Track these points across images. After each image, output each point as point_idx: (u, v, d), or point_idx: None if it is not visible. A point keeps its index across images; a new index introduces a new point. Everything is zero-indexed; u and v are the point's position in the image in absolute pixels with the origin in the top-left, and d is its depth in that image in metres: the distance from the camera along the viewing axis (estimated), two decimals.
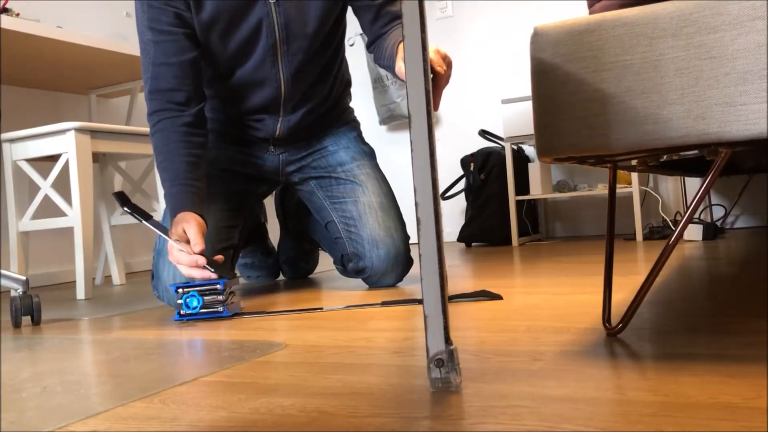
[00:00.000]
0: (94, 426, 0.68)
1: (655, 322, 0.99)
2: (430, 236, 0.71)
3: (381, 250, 1.69)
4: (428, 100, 0.72)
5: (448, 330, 0.70)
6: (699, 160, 1.56)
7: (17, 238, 2.20)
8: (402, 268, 1.73)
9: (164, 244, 1.60)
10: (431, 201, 0.71)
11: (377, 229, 1.70)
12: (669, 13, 0.79)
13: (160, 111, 1.55)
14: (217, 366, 0.92)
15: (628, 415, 0.59)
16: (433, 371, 0.71)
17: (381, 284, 1.73)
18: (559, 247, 2.60)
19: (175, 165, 1.52)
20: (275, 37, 1.61)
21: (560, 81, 0.85)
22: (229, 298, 1.41)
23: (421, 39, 0.73)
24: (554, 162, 0.90)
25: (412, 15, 0.73)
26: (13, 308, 1.48)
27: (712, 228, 2.46)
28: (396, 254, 1.70)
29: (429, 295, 0.71)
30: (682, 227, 0.85)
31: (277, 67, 1.64)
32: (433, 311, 0.71)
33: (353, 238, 1.73)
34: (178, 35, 1.55)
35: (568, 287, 1.44)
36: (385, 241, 1.69)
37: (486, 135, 3.19)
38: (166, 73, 1.55)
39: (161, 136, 1.54)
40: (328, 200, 1.78)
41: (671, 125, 0.79)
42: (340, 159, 1.79)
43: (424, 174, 0.72)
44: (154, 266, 1.62)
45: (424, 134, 0.72)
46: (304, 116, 1.74)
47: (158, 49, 1.54)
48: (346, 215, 1.75)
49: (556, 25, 0.86)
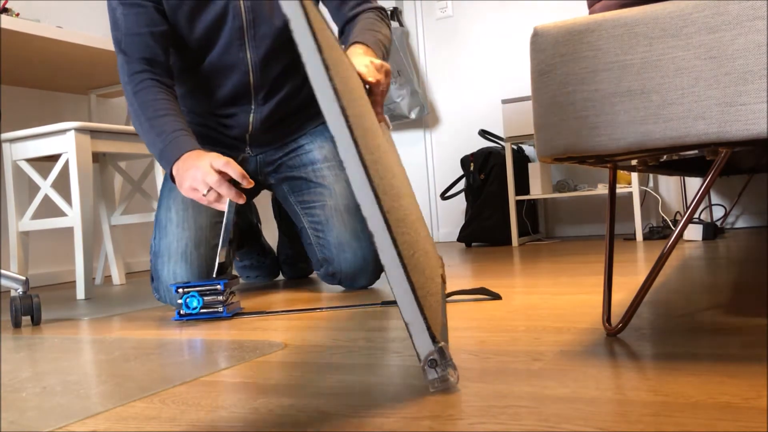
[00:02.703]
0: (94, 426, 0.68)
1: (655, 322, 0.99)
2: (386, 247, 0.71)
3: (348, 254, 1.66)
4: (345, 117, 0.72)
5: (431, 329, 0.71)
6: (699, 160, 1.56)
7: (17, 238, 2.20)
8: (373, 269, 1.69)
9: (161, 245, 1.60)
10: (378, 213, 0.71)
11: (343, 232, 1.67)
12: (669, 13, 0.79)
13: (141, 72, 1.55)
14: (217, 366, 0.92)
15: (628, 415, 0.59)
16: (428, 373, 0.71)
17: (355, 287, 1.71)
18: (559, 247, 2.60)
19: (170, 117, 1.51)
20: (242, 20, 1.60)
21: (560, 81, 0.85)
22: (230, 298, 1.41)
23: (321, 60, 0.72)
24: (554, 162, 0.90)
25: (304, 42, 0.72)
26: (13, 308, 1.48)
27: (712, 228, 2.46)
28: (363, 256, 1.66)
29: (403, 302, 0.71)
30: (682, 227, 0.85)
31: (245, 51, 1.63)
32: (412, 316, 0.71)
33: (322, 243, 1.71)
34: (149, 8, 1.56)
35: (568, 287, 1.44)
36: (351, 244, 1.66)
37: (486, 135, 3.19)
38: (140, 42, 1.55)
39: (149, 92, 1.53)
40: (299, 206, 1.77)
41: (671, 125, 0.79)
42: (312, 158, 1.77)
43: (363, 189, 0.72)
44: (153, 267, 1.61)
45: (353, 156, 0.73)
46: (277, 108, 1.71)
47: (128, 20, 1.55)
48: (315, 220, 1.72)
49: (556, 25, 0.86)
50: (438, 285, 1.10)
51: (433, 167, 3.59)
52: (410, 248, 0.83)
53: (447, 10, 3.51)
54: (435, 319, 0.77)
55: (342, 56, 0.98)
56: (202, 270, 1.59)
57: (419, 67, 3.59)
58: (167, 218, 1.63)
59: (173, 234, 1.60)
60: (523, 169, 3.07)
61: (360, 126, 0.82)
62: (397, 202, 0.93)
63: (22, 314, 1.49)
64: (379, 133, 1.14)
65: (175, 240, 1.59)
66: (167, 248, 1.59)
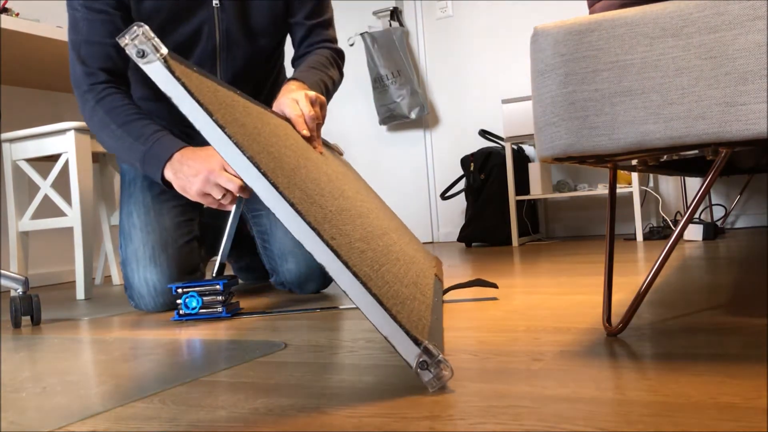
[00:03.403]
0: (93, 426, 0.68)
1: (655, 322, 0.99)
2: (341, 274, 0.72)
3: (290, 263, 1.64)
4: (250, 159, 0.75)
5: (411, 333, 0.71)
6: (699, 160, 1.56)
7: (17, 238, 2.20)
8: (320, 275, 1.66)
9: (128, 252, 1.57)
10: (323, 245, 0.72)
11: (285, 241, 1.64)
12: (669, 13, 0.79)
13: (102, 83, 1.49)
14: (217, 366, 0.92)
15: (628, 415, 0.59)
16: (423, 375, 0.71)
17: (305, 293, 1.70)
18: (559, 247, 2.60)
19: (144, 120, 1.47)
20: (215, 42, 1.59)
21: (560, 81, 0.85)
22: (229, 298, 1.41)
23: (201, 107, 0.75)
24: (554, 162, 0.90)
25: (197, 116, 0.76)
26: (13, 308, 1.48)
27: (712, 228, 2.46)
28: (307, 264, 1.63)
29: (375, 318, 0.71)
30: (682, 227, 0.85)
31: (216, 72, 1.62)
32: (388, 329, 0.71)
33: (267, 254, 1.69)
34: (115, 16, 1.49)
35: (568, 287, 1.44)
36: (293, 253, 1.63)
37: (486, 135, 3.19)
38: (101, 53, 1.49)
39: (114, 99, 1.48)
40: (249, 213, 1.75)
41: (671, 125, 0.79)
42: None
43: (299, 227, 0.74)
44: (125, 276, 1.59)
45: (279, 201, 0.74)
46: None
47: (92, 27, 1.48)
48: (261, 229, 1.70)
49: (556, 25, 0.86)
50: (427, 286, 1.10)
51: (433, 167, 3.59)
52: (375, 264, 0.83)
53: (447, 10, 3.51)
54: (416, 321, 0.77)
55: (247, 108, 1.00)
56: (173, 271, 1.56)
57: (419, 67, 3.59)
58: (130, 224, 1.59)
59: (138, 239, 1.57)
60: (523, 169, 3.07)
61: (274, 159, 0.84)
62: (352, 223, 0.93)
63: (22, 314, 1.49)
64: (319, 164, 1.15)
65: (141, 245, 1.56)
66: (134, 254, 1.56)
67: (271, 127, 1.06)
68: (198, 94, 0.77)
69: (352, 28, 3.71)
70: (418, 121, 3.57)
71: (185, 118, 0.79)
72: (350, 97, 3.74)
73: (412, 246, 1.46)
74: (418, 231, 3.61)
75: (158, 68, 0.76)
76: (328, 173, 1.16)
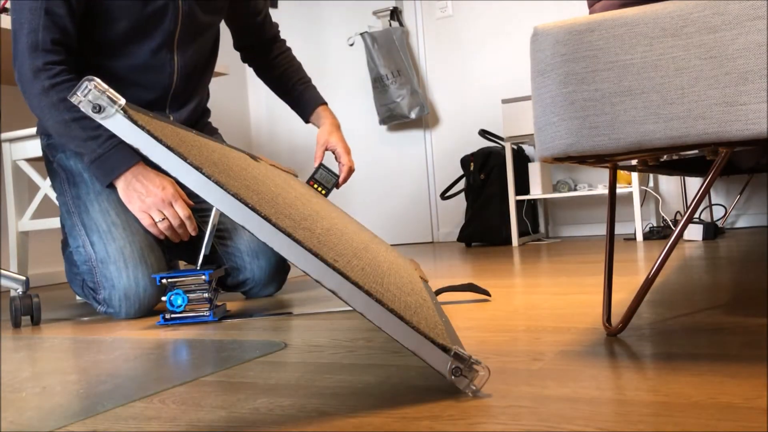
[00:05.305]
0: (93, 426, 0.68)
1: (655, 322, 0.99)
2: (354, 295, 0.71)
3: (262, 261, 1.64)
4: (236, 197, 0.76)
5: (437, 342, 0.69)
6: (699, 160, 1.56)
7: (17, 238, 2.20)
8: (283, 276, 1.69)
9: (109, 249, 1.49)
10: (329, 271, 0.72)
11: (255, 239, 1.63)
12: (669, 12, 0.79)
13: (55, 64, 1.44)
14: (217, 366, 0.92)
15: (628, 415, 0.59)
16: (460, 383, 0.69)
17: (261, 295, 1.70)
18: (559, 247, 2.60)
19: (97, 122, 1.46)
20: (177, 23, 1.59)
21: (560, 81, 0.85)
22: (215, 298, 1.38)
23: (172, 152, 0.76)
24: (554, 162, 0.90)
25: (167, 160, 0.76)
26: (13, 308, 1.48)
27: (712, 228, 2.46)
28: (277, 261, 1.66)
29: (398, 334, 0.70)
30: (682, 227, 0.85)
31: (173, 54, 1.62)
32: (414, 343, 0.69)
33: (230, 252, 1.65)
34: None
35: (568, 287, 1.44)
36: (265, 251, 1.64)
37: (486, 135, 3.19)
38: (54, 23, 1.44)
39: (69, 87, 1.43)
40: (198, 213, 1.65)
41: (671, 125, 0.79)
42: None
43: (298, 254, 0.73)
44: (102, 276, 1.49)
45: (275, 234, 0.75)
46: (189, 116, 1.71)
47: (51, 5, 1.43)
48: (220, 227, 1.66)
49: (556, 25, 0.86)
50: (422, 290, 1.10)
51: (433, 167, 3.59)
52: (377, 278, 0.83)
53: (447, 10, 3.51)
54: (434, 327, 0.77)
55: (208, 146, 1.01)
56: (164, 271, 1.52)
57: (419, 67, 3.59)
58: (109, 222, 1.51)
59: (123, 238, 1.50)
60: (523, 169, 3.07)
61: (255, 192, 0.85)
62: (341, 242, 0.93)
63: (22, 314, 1.49)
64: (287, 188, 1.19)
65: (127, 244, 1.49)
66: (120, 253, 1.48)
67: (235, 159, 1.05)
68: (165, 139, 0.76)
69: (352, 28, 3.71)
70: (418, 121, 3.57)
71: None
72: (350, 97, 3.74)
73: (391, 253, 1.46)
74: (418, 231, 3.61)
75: (120, 121, 0.74)
76: (298, 196, 1.17)
